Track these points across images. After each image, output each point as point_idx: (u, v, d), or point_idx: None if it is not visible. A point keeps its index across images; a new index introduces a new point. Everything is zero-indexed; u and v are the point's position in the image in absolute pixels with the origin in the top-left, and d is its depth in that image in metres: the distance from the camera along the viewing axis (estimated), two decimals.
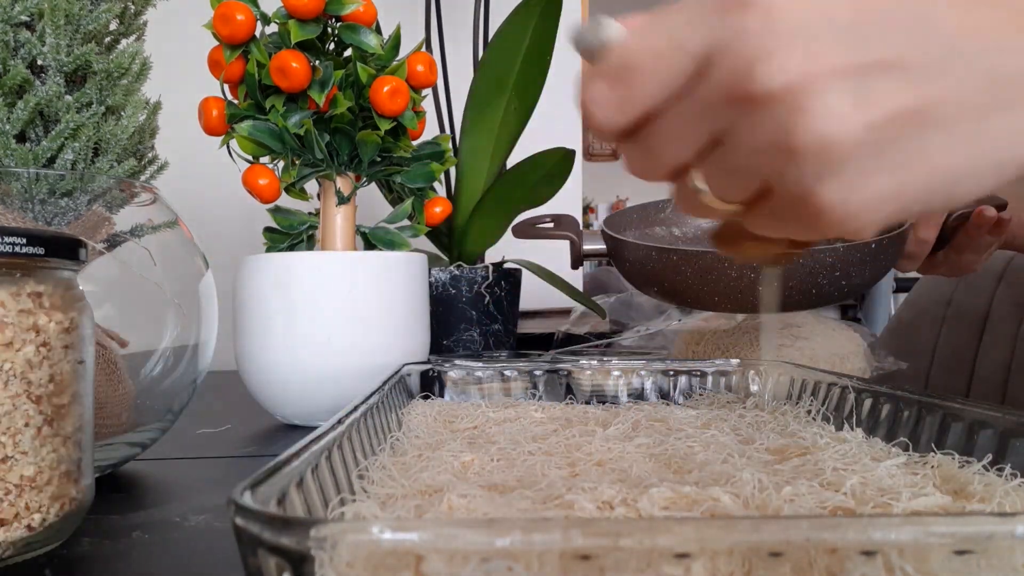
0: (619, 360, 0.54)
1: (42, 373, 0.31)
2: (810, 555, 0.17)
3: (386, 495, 0.27)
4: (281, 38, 0.56)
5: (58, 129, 0.42)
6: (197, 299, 0.50)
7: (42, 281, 0.32)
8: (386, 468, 0.31)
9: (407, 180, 0.62)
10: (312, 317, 0.53)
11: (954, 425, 0.33)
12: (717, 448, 0.34)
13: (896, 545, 0.16)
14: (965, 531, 0.16)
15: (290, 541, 0.16)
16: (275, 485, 0.21)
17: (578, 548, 0.16)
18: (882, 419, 0.38)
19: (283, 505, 0.21)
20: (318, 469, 0.25)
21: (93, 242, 0.43)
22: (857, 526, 0.16)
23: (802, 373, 0.47)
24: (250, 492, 0.19)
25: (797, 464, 0.31)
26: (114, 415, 0.42)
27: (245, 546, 0.17)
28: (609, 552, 0.16)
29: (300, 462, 0.23)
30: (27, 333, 0.30)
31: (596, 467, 0.31)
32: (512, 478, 0.29)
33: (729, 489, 0.26)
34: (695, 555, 0.16)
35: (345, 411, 0.31)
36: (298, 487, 0.23)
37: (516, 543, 0.16)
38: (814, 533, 0.16)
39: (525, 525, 0.16)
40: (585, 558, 0.16)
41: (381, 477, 0.29)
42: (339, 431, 0.29)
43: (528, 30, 0.75)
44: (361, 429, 0.32)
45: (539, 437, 0.38)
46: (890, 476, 0.29)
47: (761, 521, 0.16)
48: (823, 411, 0.43)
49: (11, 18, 0.42)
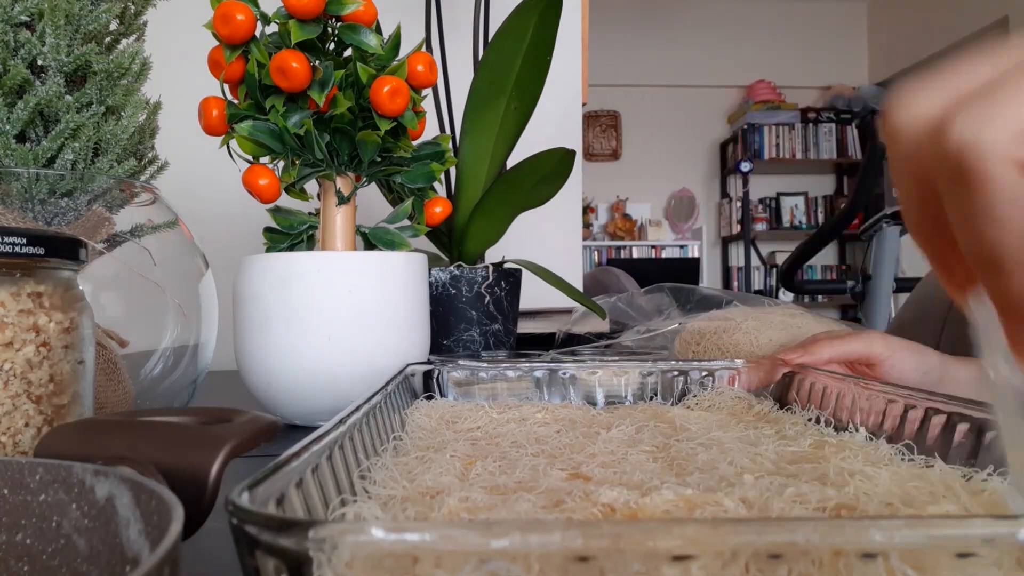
0: (620, 360, 0.54)
1: (42, 373, 0.31)
2: (810, 557, 0.17)
3: (387, 496, 0.27)
4: (281, 38, 0.56)
5: (58, 129, 0.42)
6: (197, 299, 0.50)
7: (42, 281, 0.32)
8: (388, 469, 0.31)
9: (407, 180, 0.62)
10: (312, 317, 0.53)
11: (959, 426, 0.33)
12: (720, 451, 0.34)
13: (898, 548, 0.16)
14: (968, 534, 0.16)
15: (288, 542, 0.16)
16: (274, 486, 0.21)
17: (577, 550, 0.16)
18: (887, 420, 0.38)
19: (283, 506, 0.21)
20: (319, 469, 0.25)
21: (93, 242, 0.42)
22: (857, 528, 0.16)
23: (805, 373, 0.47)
24: (248, 493, 0.19)
25: (802, 467, 0.31)
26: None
27: (243, 547, 0.17)
28: (608, 554, 0.16)
29: (300, 462, 0.23)
30: (27, 333, 0.30)
31: (600, 469, 0.31)
32: (513, 480, 0.29)
33: (729, 491, 0.26)
34: (694, 557, 0.16)
35: (347, 411, 0.31)
36: (298, 487, 0.23)
37: (515, 545, 0.16)
38: (814, 535, 0.16)
39: (523, 526, 0.16)
40: (584, 560, 0.16)
41: (383, 478, 0.29)
42: (340, 431, 0.29)
43: (528, 30, 0.75)
44: (363, 429, 0.32)
45: (542, 438, 0.38)
46: (897, 479, 0.28)
47: (761, 523, 0.16)
48: (826, 413, 0.43)
49: (11, 18, 0.42)
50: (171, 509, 0.18)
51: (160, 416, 0.28)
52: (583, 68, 1.19)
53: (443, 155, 0.63)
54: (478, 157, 0.81)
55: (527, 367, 0.53)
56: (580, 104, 1.19)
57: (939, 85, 0.21)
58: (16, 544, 0.21)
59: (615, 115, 4.53)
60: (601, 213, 4.59)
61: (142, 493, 0.20)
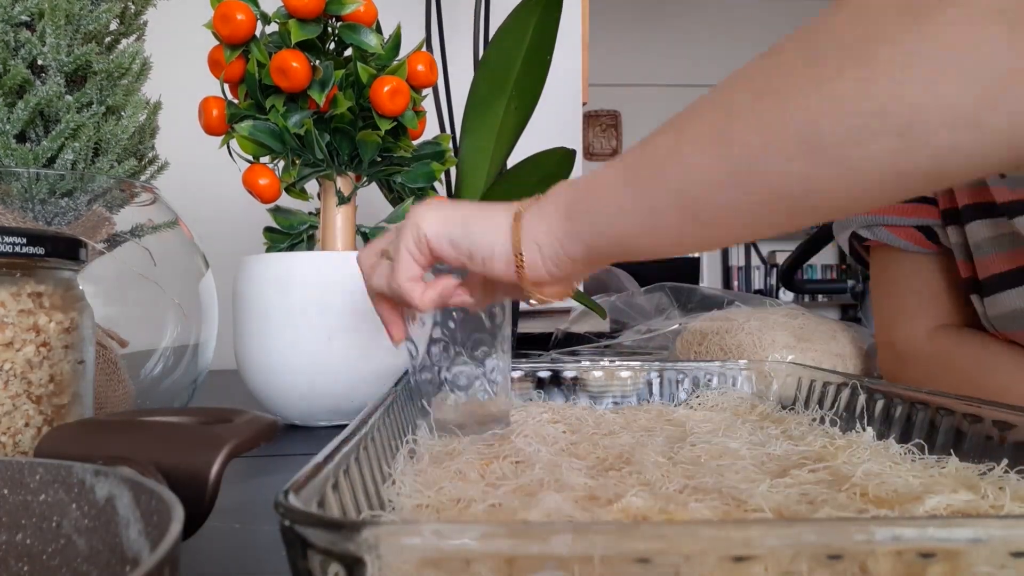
0: (624, 361, 0.54)
1: (42, 373, 0.31)
2: (864, 557, 0.17)
3: (413, 506, 0.27)
4: (281, 38, 0.56)
5: (58, 129, 0.42)
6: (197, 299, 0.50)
7: (42, 281, 0.32)
8: (407, 475, 0.31)
9: (407, 180, 0.62)
10: (312, 317, 0.53)
11: (975, 427, 0.33)
12: (733, 456, 0.34)
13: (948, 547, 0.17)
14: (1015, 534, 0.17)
15: (345, 543, 0.16)
16: (315, 488, 0.21)
17: (639, 552, 0.16)
18: (895, 420, 0.38)
19: (323, 507, 0.21)
20: (349, 472, 0.25)
21: (93, 242, 0.42)
22: (911, 525, 0.16)
23: (810, 374, 0.47)
24: (295, 495, 0.19)
25: (813, 467, 0.31)
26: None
27: (295, 549, 0.17)
28: (665, 554, 0.16)
29: (334, 465, 0.23)
30: (27, 333, 0.30)
31: (614, 472, 0.31)
32: (535, 479, 0.29)
33: (752, 496, 0.26)
34: (757, 558, 0.16)
35: (367, 411, 0.32)
36: (334, 490, 0.23)
37: (574, 547, 0.16)
38: (877, 533, 0.16)
39: (579, 529, 0.16)
40: (644, 561, 0.16)
41: (408, 483, 0.29)
42: (363, 433, 0.29)
43: (528, 30, 0.75)
44: (381, 429, 0.33)
45: (550, 439, 0.38)
46: (915, 478, 0.28)
47: (823, 523, 0.17)
48: (832, 413, 0.43)
49: (11, 18, 0.42)
50: (171, 509, 0.18)
51: (160, 416, 0.28)
52: (583, 68, 1.19)
53: (443, 155, 0.63)
54: (478, 157, 0.81)
55: (531, 367, 0.53)
56: (580, 104, 1.19)
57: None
58: (16, 544, 0.21)
59: (615, 115, 4.53)
60: None
61: (142, 493, 0.20)
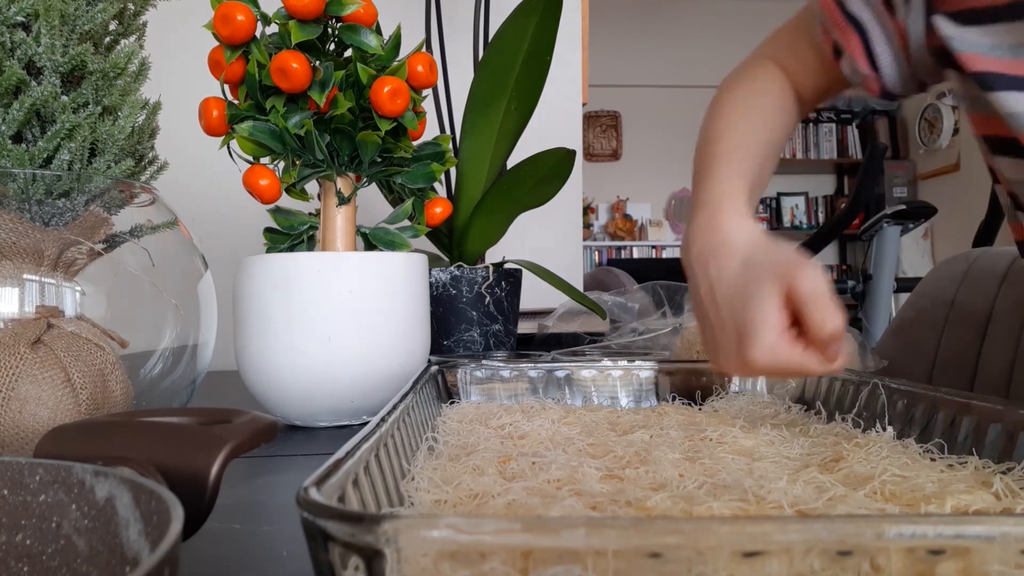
0: (628, 361, 0.54)
1: None
2: (876, 553, 0.17)
3: (432, 501, 0.28)
4: (281, 38, 0.56)
5: (54, 129, 0.42)
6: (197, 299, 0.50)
7: None
8: (425, 470, 0.31)
9: (407, 180, 0.62)
10: (312, 317, 0.53)
11: (993, 426, 0.32)
12: (743, 453, 0.34)
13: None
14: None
15: (362, 536, 0.16)
16: (336, 482, 0.21)
17: (653, 546, 0.16)
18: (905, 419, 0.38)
19: (344, 503, 0.21)
20: (369, 468, 0.25)
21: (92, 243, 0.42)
22: (926, 522, 0.17)
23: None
24: (316, 489, 0.19)
25: (830, 467, 0.31)
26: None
27: (316, 542, 0.17)
28: (679, 550, 0.16)
29: (354, 461, 0.23)
30: None
31: (631, 470, 0.31)
32: (552, 478, 0.29)
33: (771, 493, 0.26)
34: (769, 554, 0.16)
35: (386, 409, 0.32)
36: (355, 486, 0.23)
37: (589, 541, 0.16)
38: (888, 530, 0.16)
39: (594, 523, 0.16)
40: (656, 556, 0.16)
41: (427, 479, 0.30)
42: (384, 430, 0.29)
43: (528, 30, 0.75)
44: (401, 427, 0.33)
45: (566, 439, 0.38)
46: (936, 479, 0.28)
47: (838, 519, 0.17)
48: (838, 412, 0.42)
49: (7, 19, 0.42)
50: (171, 509, 0.18)
51: (160, 416, 0.28)
52: (583, 68, 1.19)
53: (443, 155, 0.63)
54: (478, 157, 0.81)
55: (545, 367, 0.54)
56: (580, 104, 1.19)
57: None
58: (16, 544, 0.21)
59: (615, 115, 4.53)
60: (601, 213, 4.58)
61: (142, 493, 0.20)
